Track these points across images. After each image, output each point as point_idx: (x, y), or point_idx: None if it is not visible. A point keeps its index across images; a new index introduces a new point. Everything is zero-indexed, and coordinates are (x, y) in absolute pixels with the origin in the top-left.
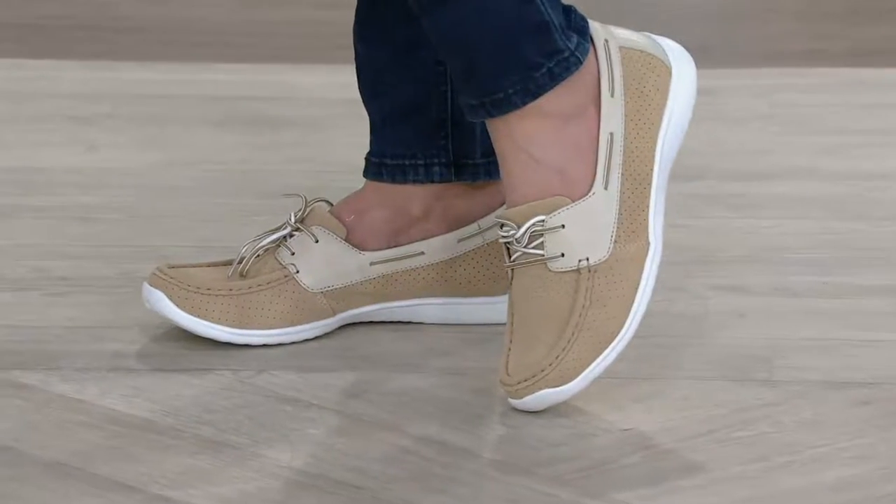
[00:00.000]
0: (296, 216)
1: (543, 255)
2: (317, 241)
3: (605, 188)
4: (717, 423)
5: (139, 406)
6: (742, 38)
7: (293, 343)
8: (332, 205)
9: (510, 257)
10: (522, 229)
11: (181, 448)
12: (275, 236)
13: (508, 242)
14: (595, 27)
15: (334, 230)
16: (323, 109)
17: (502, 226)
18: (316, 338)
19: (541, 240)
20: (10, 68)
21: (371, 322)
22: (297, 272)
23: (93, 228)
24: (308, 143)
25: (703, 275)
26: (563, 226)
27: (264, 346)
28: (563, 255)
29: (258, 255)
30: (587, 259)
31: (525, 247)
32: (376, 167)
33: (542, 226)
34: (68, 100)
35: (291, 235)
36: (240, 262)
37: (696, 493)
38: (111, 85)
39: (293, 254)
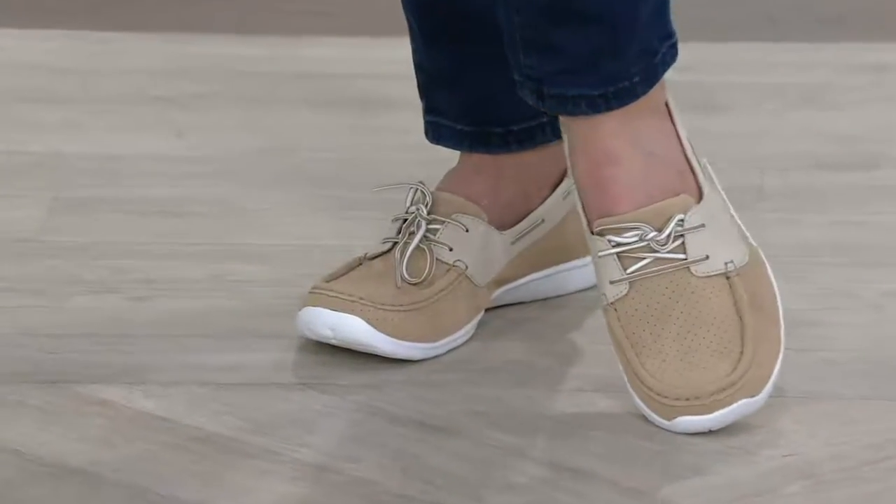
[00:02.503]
0: (426, 208)
1: (686, 259)
2: (467, 231)
3: (711, 184)
4: (891, 450)
5: (231, 425)
6: None
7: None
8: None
9: (624, 268)
10: (668, 230)
11: (278, 473)
12: (419, 235)
13: (629, 250)
14: None
15: (478, 215)
16: None
17: (620, 231)
18: None
19: (681, 241)
20: (83, 41)
21: (489, 328)
22: (467, 268)
23: (179, 224)
24: (422, 128)
25: (876, 279)
26: (703, 224)
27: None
28: (707, 257)
29: (407, 258)
30: (732, 261)
31: (667, 251)
32: (502, 138)
33: (682, 226)
34: (150, 77)
35: (430, 230)
36: (372, 257)
37: None
38: (200, 60)
39: (451, 249)
